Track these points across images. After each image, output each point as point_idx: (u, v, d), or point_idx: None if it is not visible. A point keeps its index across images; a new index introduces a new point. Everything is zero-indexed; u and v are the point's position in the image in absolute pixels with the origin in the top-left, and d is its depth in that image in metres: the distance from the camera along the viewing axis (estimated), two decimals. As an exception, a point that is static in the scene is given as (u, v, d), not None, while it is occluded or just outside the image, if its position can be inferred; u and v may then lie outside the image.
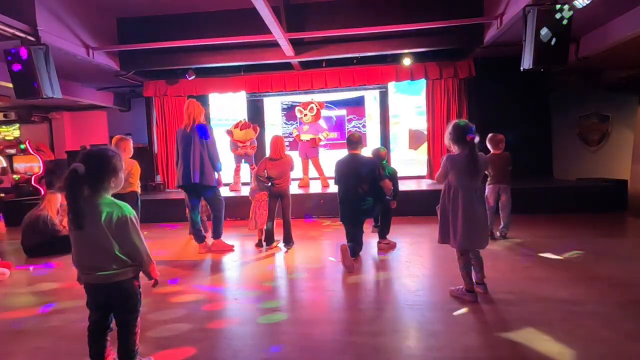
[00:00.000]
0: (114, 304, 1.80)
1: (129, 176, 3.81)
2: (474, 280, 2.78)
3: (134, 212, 1.76)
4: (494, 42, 5.56)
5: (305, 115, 7.03)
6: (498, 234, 4.32)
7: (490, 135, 4.23)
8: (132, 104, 8.66)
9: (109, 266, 1.71)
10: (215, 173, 4.12)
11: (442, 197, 2.71)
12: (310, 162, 7.00)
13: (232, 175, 7.10)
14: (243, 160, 7.08)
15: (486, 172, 3.94)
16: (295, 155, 6.98)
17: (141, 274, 1.82)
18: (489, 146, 4.22)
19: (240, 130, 6.94)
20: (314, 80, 7.22)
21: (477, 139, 2.58)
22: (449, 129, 2.67)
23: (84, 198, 1.66)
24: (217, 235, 4.26)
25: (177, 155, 4.16)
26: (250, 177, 6.95)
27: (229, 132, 6.96)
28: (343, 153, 3.97)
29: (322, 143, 7.14)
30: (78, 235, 1.70)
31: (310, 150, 6.91)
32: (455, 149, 2.67)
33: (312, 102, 7.07)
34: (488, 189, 4.22)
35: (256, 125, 7.25)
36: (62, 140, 8.94)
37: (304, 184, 6.93)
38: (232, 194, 6.60)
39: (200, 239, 4.27)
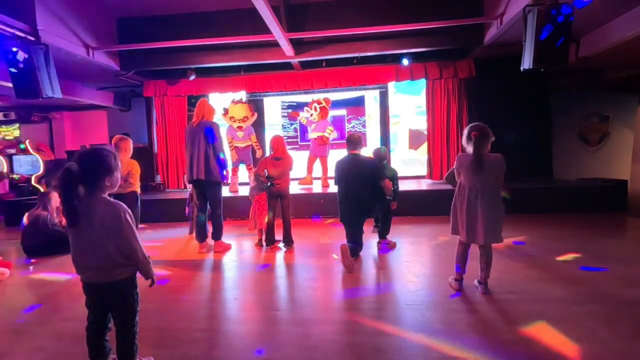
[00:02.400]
0: (110, 303, 1.80)
1: (129, 176, 3.81)
2: (476, 280, 2.88)
3: (129, 211, 1.76)
4: (494, 42, 5.56)
5: (312, 115, 7.01)
6: None
7: None
8: (132, 104, 8.65)
9: (104, 265, 1.71)
10: (223, 170, 4.19)
11: (455, 192, 2.87)
12: (318, 160, 6.96)
13: (230, 176, 7.09)
14: (241, 162, 7.05)
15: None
16: (304, 155, 7.01)
17: (138, 273, 1.82)
18: None
19: (234, 104, 6.92)
20: (314, 80, 7.21)
21: (492, 139, 2.69)
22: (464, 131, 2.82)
23: (78, 197, 1.66)
24: (217, 236, 4.26)
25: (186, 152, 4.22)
26: (249, 177, 6.95)
27: (225, 110, 6.93)
28: (343, 153, 3.97)
29: (331, 139, 7.03)
30: (74, 234, 1.71)
31: (318, 149, 6.89)
32: (468, 150, 2.76)
33: (318, 101, 7.04)
34: None
35: (252, 105, 7.14)
36: (62, 140, 8.94)
37: (305, 182, 6.91)
38: (231, 194, 6.60)
39: (201, 238, 4.29)
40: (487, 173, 2.68)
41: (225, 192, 6.61)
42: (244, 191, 6.57)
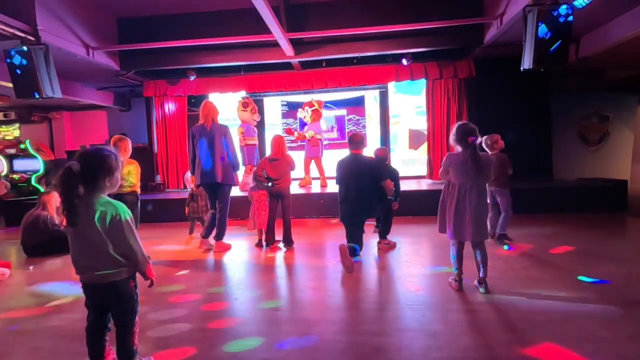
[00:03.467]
0: (110, 304, 1.80)
1: (129, 176, 3.81)
2: (476, 280, 2.87)
3: (129, 211, 1.76)
4: (494, 42, 5.56)
5: (305, 116, 7.05)
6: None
7: (485, 136, 4.10)
8: (132, 104, 8.65)
9: (103, 266, 1.71)
10: (233, 172, 4.25)
11: (442, 190, 2.91)
12: (313, 161, 6.97)
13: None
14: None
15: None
16: (301, 156, 7.02)
17: (138, 274, 1.82)
18: (484, 147, 4.08)
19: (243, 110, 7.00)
20: (314, 80, 7.22)
21: (478, 141, 2.76)
22: (453, 129, 2.85)
23: (78, 196, 1.66)
24: (220, 237, 4.28)
25: (192, 153, 4.19)
26: (245, 176, 6.94)
27: (246, 104, 6.97)
28: (343, 153, 3.97)
29: (308, 137, 6.98)
30: (73, 234, 1.71)
31: (311, 150, 6.90)
32: (457, 149, 2.83)
33: (310, 104, 7.06)
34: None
35: (248, 99, 7.10)
36: (62, 140, 8.94)
37: (305, 183, 6.92)
38: (232, 193, 6.58)
39: (206, 235, 4.34)
40: (480, 173, 2.75)
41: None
42: (242, 191, 6.56)
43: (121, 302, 1.79)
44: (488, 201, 4.09)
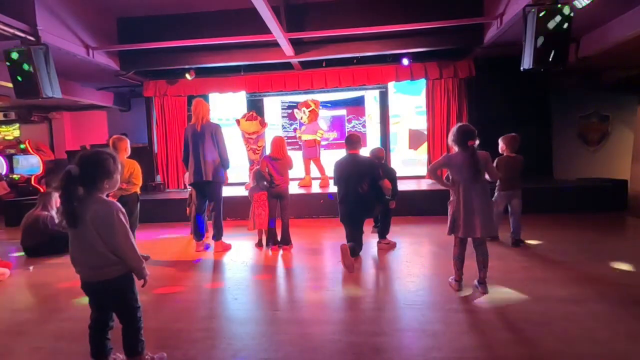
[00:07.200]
0: (109, 301, 1.81)
1: (132, 177, 3.81)
2: (476, 280, 2.88)
3: (122, 209, 1.77)
4: (494, 42, 5.56)
5: (302, 117, 7.07)
6: (510, 238, 4.09)
7: (503, 136, 4.08)
8: (132, 104, 8.65)
9: (99, 264, 1.73)
10: (223, 171, 4.24)
11: (451, 193, 2.92)
12: (312, 162, 6.99)
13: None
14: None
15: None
16: (299, 156, 7.03)
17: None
18: (501, 146, 4.06)
19: (246, 121, 6.95)
20: (314, 80, 7.22)
21: (477, 143, 2.77)
22: (453, 130, 2.86)
23: (78, 198, 1.68)
24: (218, 237, 4.28)
25: (185, 153, 4.20)
26: (249, 176, 6.95)
27: (237, 121, 7.01)
28: (343, 153, 3.97)
29: (323, 143, 7.11)
30: (72, 234, 1.74)
31: (308, 150, 6.91)
32: (456, 150, 2.85)
33: (306, 104, 7.07)
34: (498, 195, 4.06)
35: (263, 119, 7.22)
36: (62, 140, 8.94)
37: (305, 183, 6.92)
38: (233, 193, 6.59)
39: (199, 237, 4.31)
40: (480, 174, 2.79)
41: (225, 192, 6.61)
42: (244, 191, 6.55)
43: (119, 299, 1.80)
44: (508, 206, 4.12)
